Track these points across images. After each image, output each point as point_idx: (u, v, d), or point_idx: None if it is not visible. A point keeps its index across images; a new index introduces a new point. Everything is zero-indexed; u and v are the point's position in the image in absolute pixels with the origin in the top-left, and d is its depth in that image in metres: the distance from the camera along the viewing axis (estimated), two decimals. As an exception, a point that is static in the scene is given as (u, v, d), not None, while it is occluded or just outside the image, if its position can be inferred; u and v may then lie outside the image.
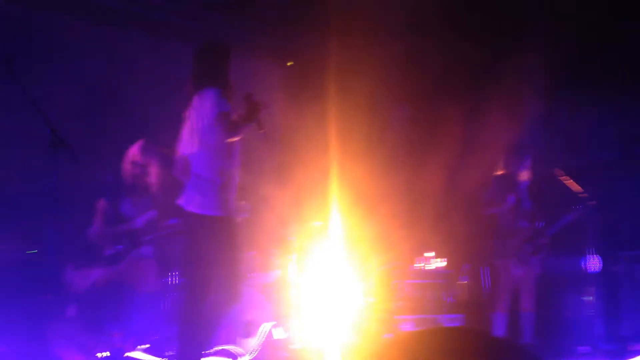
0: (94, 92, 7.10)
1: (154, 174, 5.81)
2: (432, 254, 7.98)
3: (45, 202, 4.30)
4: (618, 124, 8.42)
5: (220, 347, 5.77)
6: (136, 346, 5.84)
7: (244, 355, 6.00)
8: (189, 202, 4.40)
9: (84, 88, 6.97)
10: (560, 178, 6.84)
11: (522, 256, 6.47)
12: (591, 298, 6.77)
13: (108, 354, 5.69)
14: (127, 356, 5.71)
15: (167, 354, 5.94)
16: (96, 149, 6.70)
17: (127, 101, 7.20)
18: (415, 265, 7.77)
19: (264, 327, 6.36)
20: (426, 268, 7.78)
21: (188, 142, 4.55)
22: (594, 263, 7.12)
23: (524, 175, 6.78)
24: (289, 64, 8.74)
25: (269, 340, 6.35)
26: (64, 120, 4.67)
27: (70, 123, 5.36)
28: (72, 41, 7.26)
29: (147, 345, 6.05)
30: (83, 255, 5.71)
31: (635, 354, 6.40)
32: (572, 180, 6.84)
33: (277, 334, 6.48)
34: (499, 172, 6.81)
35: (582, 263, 6.95)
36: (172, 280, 6.18)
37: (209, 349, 4.59)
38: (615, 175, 8.70)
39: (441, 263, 7.99)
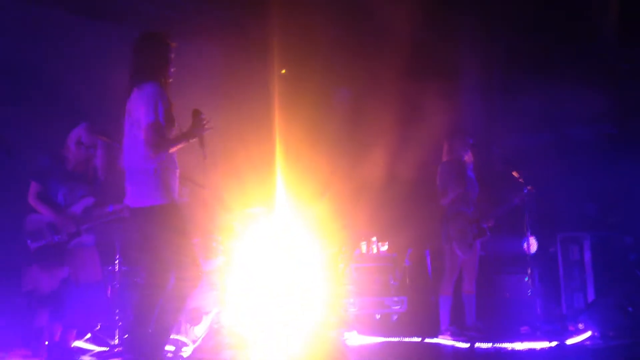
0: (24, 77, 6.84)
1: (100, 156, 5.64)
2: (375, 238, 8.04)
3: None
4: (552, 107, 8.61)
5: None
6: (78, 336, 5.70)
7: (189, 343, 5.92)
8: (131, 198, 4.34)
9: (12, 74, 6.73)
10: (501, 161, 6.95)
11: (465, 239, 6.57)
12: (530, 279, 6.91)
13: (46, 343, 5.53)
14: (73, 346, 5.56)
15: (110, 343, 5.83)
16: (30, 136, 6.48)
17: (62, 87, 6.97)
18: (359, 249, 7.81)
19: (209, 314, 6.29)
20: (370, 252, 7.83)
21: (129, 134, 4.46)
22: (532, 245, 7.29)
23: (468, 159, 6.87)
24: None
25: (214, 327, 6.29)
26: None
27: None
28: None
29: (89, 335, 5.91)
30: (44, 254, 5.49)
31: (574, 333, 6.59)
32: (511, 164, 6.96)
33: (222, 320, 6.42)
34: (445, 158, 6.86)
35: (521, 245, 7.09)
36: (114, 268, 6.05)
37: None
38: (550, 158, 8.91)
39: (383, 247, 8.06)
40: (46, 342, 5.52)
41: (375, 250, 7.96)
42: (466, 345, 6.31)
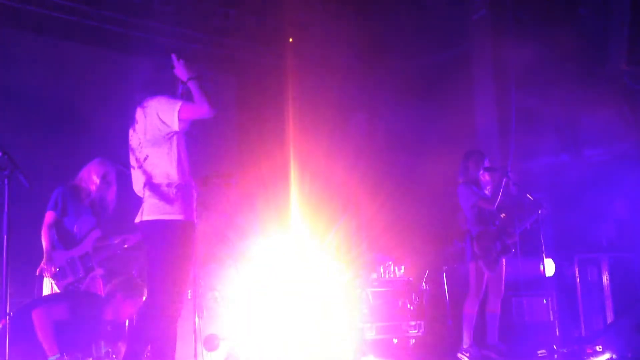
0: (39, 107, 7.00)
1: (115, 190, 5.73)
2: (391, 262, 8.02)
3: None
4: (568, 126, 8.60)
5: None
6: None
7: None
8: (151, 212, 4.14)
9: (28, 103, 6.89)
10: (515, 185, 6.90)
11: (491, 256, 6.53)
12: (547, 301, 6.87)
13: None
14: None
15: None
16: (45, 165, 6.60)
17: (75, 115, 7.12)
18: (376, 274, 7.80)
19: (227, 340, 6.31)
20: (387, 276, 7.81)
21: (139, 154, 4.39)
22: (549, 266, 7.23)
23: (483, 180, 6.85)
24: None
25: (231, 353, 6.31)
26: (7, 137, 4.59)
27: (14, 139, 5.30)
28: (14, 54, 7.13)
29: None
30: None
31: (592, 355, 6.53)
32: (524, 185, 6.93)
33: (240, 346, 6.44)
34: (461, 179, 6.82)
35: (539, 266, 7.05)
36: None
37: None
38: (567, 179, 8.88)
39: (399, 271, 8.04)
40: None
41: (391, 275, 7.94)
42: (484, 368, 6.28)
